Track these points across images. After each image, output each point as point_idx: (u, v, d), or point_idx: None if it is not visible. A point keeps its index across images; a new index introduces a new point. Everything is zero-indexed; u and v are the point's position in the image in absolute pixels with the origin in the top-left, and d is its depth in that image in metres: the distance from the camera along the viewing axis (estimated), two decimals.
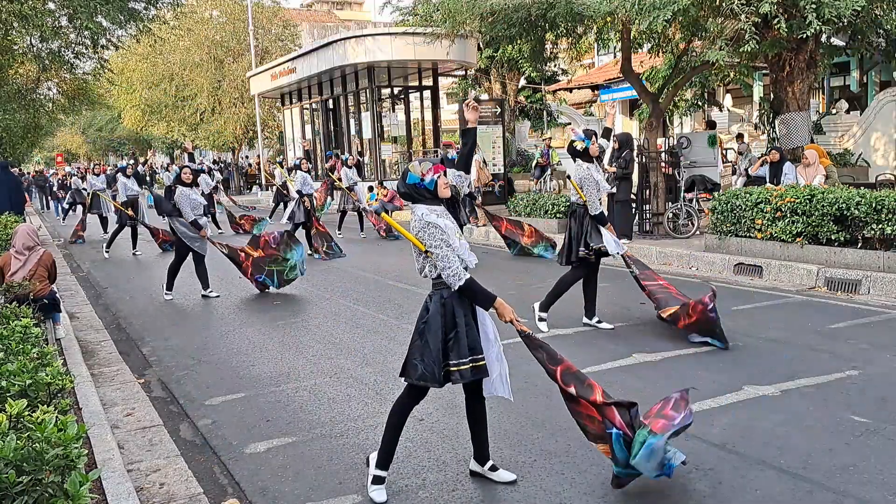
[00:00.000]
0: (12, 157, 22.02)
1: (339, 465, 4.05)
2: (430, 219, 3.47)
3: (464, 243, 3.56)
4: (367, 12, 67.64)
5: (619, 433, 3.40)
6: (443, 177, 3.55)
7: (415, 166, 3.55)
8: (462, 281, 3.45)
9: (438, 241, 3.44)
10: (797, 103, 11.85)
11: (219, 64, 33.72)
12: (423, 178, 3.50)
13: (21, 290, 5.78)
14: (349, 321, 7.51)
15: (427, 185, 3.52)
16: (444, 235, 3.45)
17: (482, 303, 3.54)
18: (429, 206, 3.55)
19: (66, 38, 15.49)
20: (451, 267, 3.45)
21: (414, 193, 3.56)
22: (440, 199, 3.57)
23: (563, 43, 15.79)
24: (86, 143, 57.47)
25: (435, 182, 3.52)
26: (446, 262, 3.45)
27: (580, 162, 6.47)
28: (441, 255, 3.45)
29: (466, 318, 3.56)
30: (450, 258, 3.44)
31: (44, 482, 2.25)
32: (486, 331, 3.65)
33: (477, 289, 3.52)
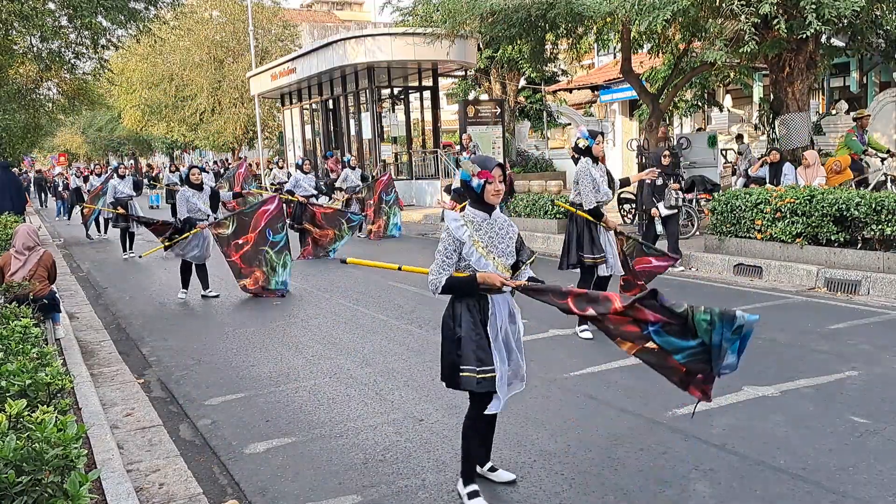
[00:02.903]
0: (12, 158, 22.02)
1: (339, 465, 4.05)
2: (451, 225, 3.36)
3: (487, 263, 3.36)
4: (367, 12, 67.67)
5: (658, 325, 3.19)
6: (495, 184, 3.35)
7: (467, 164, 3.39)
8: (438, 289, 3.34)
9: (441, 246, 3.35)
10: (797, 104, 11.85)
11: (219, 64, 33.74)
12: (473, 177, 3.36)
13: (21, 290, 5.78)
14: (349, 321, 7.51)
15: (475, 187, 3.37)
16: (449, 245, 3.33)
17: (467, 291, 3.37)
18: (471, 209, 3.42)
19: (66, 38, 15.49)
20: (431, 274, 3.35)
21: (464, 191, 3.47)
22: (487, 204, 3.40)
23: (563, 43, 15.80)
24: (86, 143, 57.49)
25: (482, 187, 3.36)
26: (431, 269, 3.36)
27: (582, 159, 6.45)
28: (435, 261, 3.36)
29: (474, 325, 3.37)
30: (436, 266, 3.34)
31: (43, 482, 2.25)
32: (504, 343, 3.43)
33: (456, 283, 3.35)
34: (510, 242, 3.46)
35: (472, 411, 3.48)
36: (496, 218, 3.45)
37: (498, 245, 3.41)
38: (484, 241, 3.37)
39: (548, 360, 5.79)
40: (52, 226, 21.77)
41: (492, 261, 3.37)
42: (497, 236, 3.42)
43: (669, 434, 4.21)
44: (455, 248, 3.34)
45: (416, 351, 6.26)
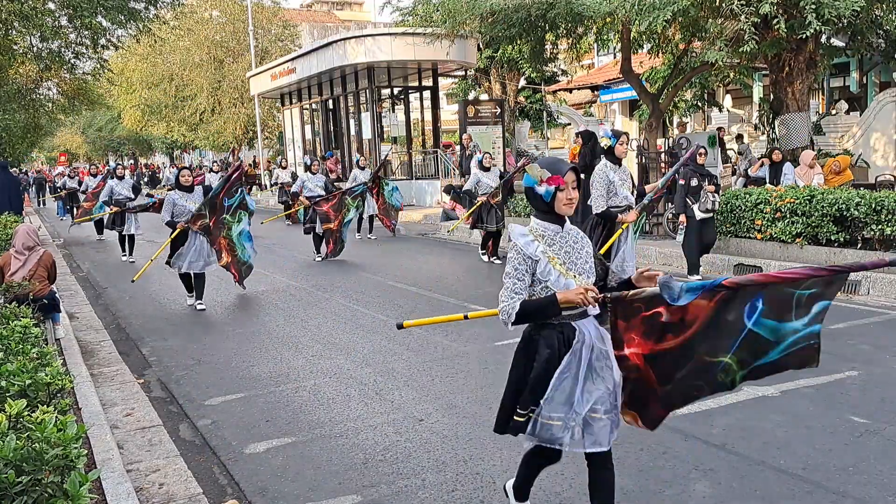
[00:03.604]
0: (12, 158, 22.04)
1: (339, 465, 4.05)
2: (519, 241, 2.85)
3: (569, 282, 2.83)
4: (367, 12, 67.66)
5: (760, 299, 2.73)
6: (567, 191, 2.82)
7: (533, 168, 2.85)
8: (512, 317, 2.78)
9: (510, 268, 2.84)
10: (797, 104, 11.85)
11: (219, 64, 33.74)
12: (540, 184, 2.83)
13: (21, 290, 5.78)
14: (349, 321, 7.51)
15: (543, 195, 2.83)
16: (520, 265, 2.82)
17: (546, 312, 2.82)
18: (539, 222, 2.89)
19: (66, 38, 15.50)
20: (502, 300, 2.81)
21: (529, 199, 2.92)
22: (557, 215, 2.87)
23: (563, 43, 15.80)
24: (86, 143, 57.49)
25: (552, 194, 2.82)
26: (502, 295, 2.83)
27: (601, 161, 6.26)
28: (504, 287, 2.84)
29: (550, 361, 2.84)
30: (506, 292, 2.82)
31: (43, 482, 2.25)
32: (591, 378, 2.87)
33: (532, 307, 2.80)
34: (588, 258, 2.94)
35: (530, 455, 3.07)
36: (569, 231, 2.93)
37: (576, 262, 2.89)
38: (560, 258, 2.86)
39: None
40: (52, 226, 21.76)
41: (573, 280, 2.84)
42: (573, 251, 2.90)
43: (669, 434, 4.20)
44: (527, 269, 2.82)
45: (416, 351, 6.26)
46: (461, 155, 16.05)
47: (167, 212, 8.33)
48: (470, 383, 5.34)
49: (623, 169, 6.23)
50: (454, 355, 6.06)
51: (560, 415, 2.81)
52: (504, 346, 6.19)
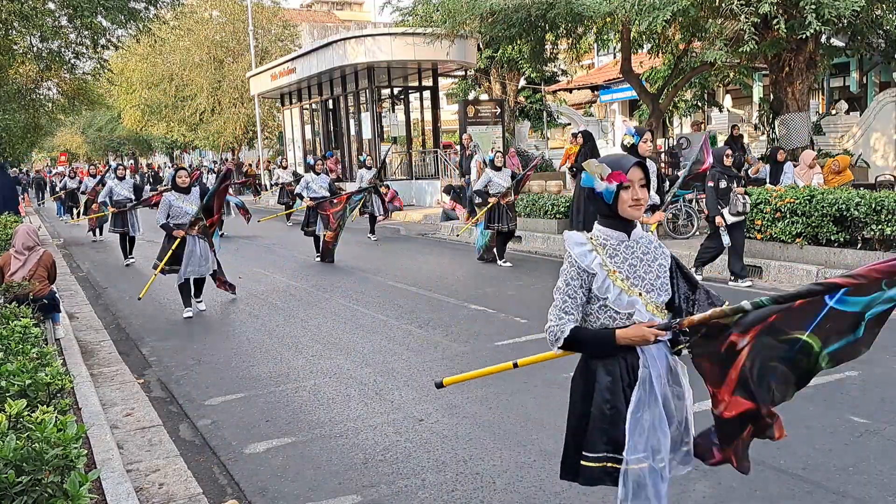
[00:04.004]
0: (12, 158, 22.03)
1: (339, 465, 4.05)
2: (574, 250, 2.47)
3: (633, 300, 2.44)
4: (367, 12, 67.67)
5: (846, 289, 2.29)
6: (633, 189, 2.42)
7: (593, 164, 2.46)
8: (559, 341, 2.44)
9: (561, 282, 2.47)
10: (797, 104, 11.86)
11: (219, 64, 33.75)
12: (600, 182, 2.45)
13: (21, 290, 5.78)
14: (349, 321, 7.51)
15: (603, 193, 2.44)
16: (573, 278, 2.44)
17: (600, 349, 2.47)
18: (601, 228, 2.52)
19: (66, 38, 15.50)
20: (551, 318, 2.46)
21: (588, 201, 2.56)
22: (622, 219, 2.47)
23: (563, 43, 15.81)
24: (86, 144, 57.50)
25: (614, 194, 2.42)
26: (551, 312, 2.47)
27: None
28: (554, 303, 2.48)
29: (612, 394, 2.47)
30: (555, 310, 2.45)
31: (43, 482, 2.25)
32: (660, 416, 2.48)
33: (585, 338, 2.45)
34: (661, 272, 2.51)
35: None
36: (638, 238, 2.52)
37: (644, 276, 2.47)
38: (623, 272, 2.45)
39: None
40: (52, 226, 21.77)
41: (638, 297, 2.45)
42: (641, 263, 2.48)
43: None
44: (582, 283, 2.44)
45: (416, 351, 6.26)
46: (461, 155, 16.05)
47: (163, 213, 7.97)
48: (470, 383, 5.33)
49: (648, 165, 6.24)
50: (454, 355, 6.06)
51: (641, 455, 2.43)
52: (504, 346, 6.19)
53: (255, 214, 18.27)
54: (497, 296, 8.36)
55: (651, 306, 2.46)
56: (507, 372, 5.61)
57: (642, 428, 2.44)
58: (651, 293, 2.47)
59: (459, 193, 16.32)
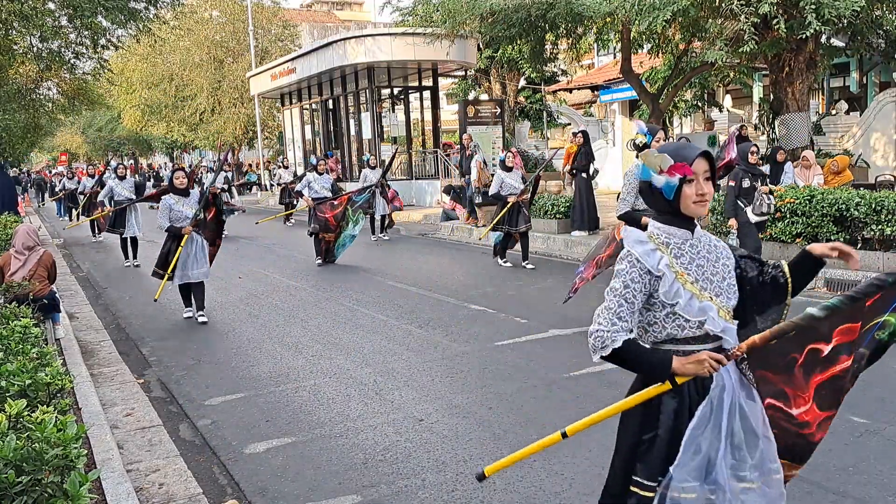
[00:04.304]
0: (12, 158, 22.02)
1: (339, 465, 4.05)
2: (635, 249, 2.20)
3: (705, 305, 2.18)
4: (367, 12, 67.68)
5: None
6: (698, 183, 2.17)
7: (651, 155, 2.20)
8: (606, 350, 2.16)
9: (618, 283, 2.18)
10: (797, 104, 11.86)
11: (219, 64, 33.77)
12: (659, 175, 2.19)
13: (21, 290, 5.78)
14: (349, 321, 7.51)
15: (663, 188, 2.18)
16: (633, 280, 2.16)
17: (651, 373, 2.23)
18: (660, 226, 2.25)
19: (66, 38, 15.50)
20: (600, 323, 2.17)
21: (645, 196, 2.29)
22: (684, 217, 2.22)
23: (563, 43, 15.81)
24: (86, 143, 57.51)
25: (676, 188, 2.16)
26: (599, 314, 2.19)
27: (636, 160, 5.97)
28: (605, 305, 2.19)
29: (678, 413, 2.21)
30: (607, 314, 2.17)
31: (43, 482, 2.25)
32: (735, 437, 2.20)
33: (636, 357, 2.19)
34: (727, 273, 2.26)
35: None
36: (700, 237, 2.27)
37: (712, 278, 2.22)
38: (692, 274, 2.19)
39: (548, 360, 5.78)
40: (52, 226, 21.77)
41: (710, 302, 2.18)
42: (708, 264, 2.23)
43: None
44: (643, 287, 2.17)
45: (416, 351, 6.26)
46: (461, 155, 16.06)
47: (164, 217, 7.64)
48: (470, 383, 5.34)
49: None
50: (454, 355, 6.06)
51: (694, 484, 2.13)
52: (504, 346, 6.20)
53: (254, 215, 18.28)
54: (497, 296, 8.36)
55: (723, 312, 2.20)
56: (507, 372, 5.64)
57: (698, 449, 2.14)
58: (721, 297, 2.21)
59: (459, 193, 16.31)
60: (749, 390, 2.25)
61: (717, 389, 2.19)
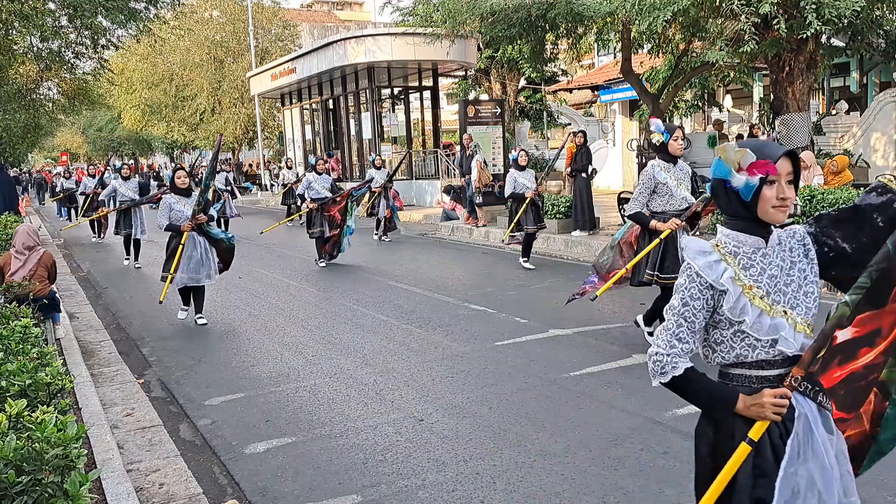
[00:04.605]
0: (12, 158, 22.04)
1: (339, 465, 4.05)
2: (696, 261, 1.96)
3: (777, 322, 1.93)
4: (367, 12, 67.69)
5: None
6: (779, 186, 1.92)
7: (728, 150, 1.95)
8: (665, 376, 1.96)
9: (677, 300, 1.97)
10: (797, 104, 11.85)
11: (219, 64, 33.78)
12: (738, 172, 1.93)
13: (21, 290, 5.78)
14: (349, 321, 7.51)
15: (741, 190, 1.92)
16: (693, 296, 1.95)
17: (712, 410, 2.01)
18: (731, 232, 2.00)
19: (66, 38, 15.51)
20: (659, 345, 1.97)
21: (717, 198, 2.04)
22: (761, 223, 1.96)
23: (563, 43, 15.82)
24: (86, 143, 57.51)
25: (755, 190, 1.91)
26: (658, 336, 1.99)
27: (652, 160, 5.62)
28: (664, 326, 1.99)
29: (759, 448, 1.94)
30: (666, 335, 1.97)
31: (43, 482, 2.25)
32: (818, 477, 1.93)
33: (696, 391, 1.99)
34: (803, 279, 2.00)
35: None
36: (775, 244, 2.01)
37: (785, 289, 1.96)
38: (763, 286, 1.95)
39: (548, 360, 5.78)
40: (52, 226, 21.76)
41: (783, 318, 1.93)
42: (781, 273, 1.98)
43: (669, 434, 4.20)
44: (705, 304, 1.95)
45: (416, 351, 6.26)
46: (461, 155, 16.06)
47: (164, 216, 7.43)
48: (470, 383, 5.34)
49: (680, 167, 5.54)
50: (454, 355, 6.06)
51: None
52: (504, 346, 6.20)
53: (255, 216, 18.28)
54: (497, 296, 8.36)
55: (801, 325, 1.94)
56: (507, 372, 5.64)
57: (797, 487, 1.90)
58: (798, 308, 1.95)
59: (459, 193, 16.32)
60: (826, 418, 1.97)
61: (800, 420, 1.92)
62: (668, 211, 5.53)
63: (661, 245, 5.50)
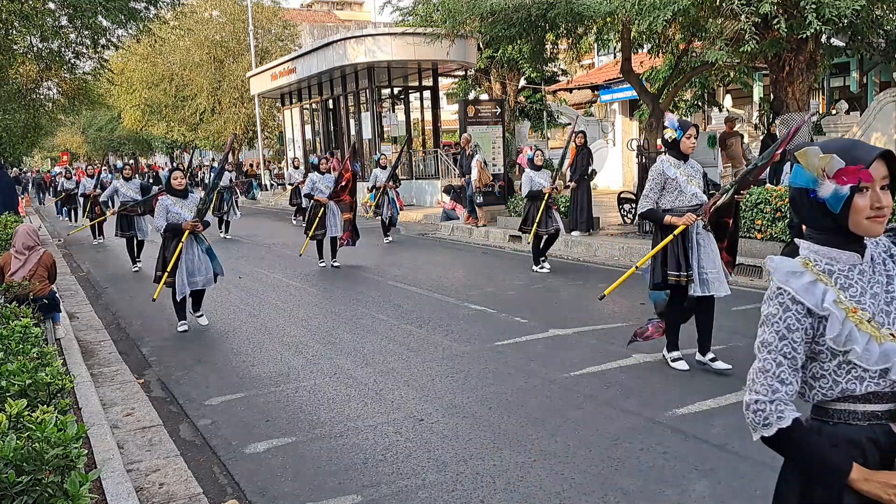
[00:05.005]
0: (12, 158, 22.02)
1: (339, 465, 4.05)
2: (791, 285, 1.69)
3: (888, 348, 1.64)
4: (367, 12, 67.69)
5: None
6: (874, 194, 1.66)
7: (811, 154, 1.72)
8: (769, 429, 1.66)
9: (771, 332, 1.69)
10: (797, 104, 11.85)
11: (219, 64, 33.80)
12: (823, 181, 1.69)
13: (21, 290, 5.78)
14: (349, 321, 7.51)
15: (828, 199, 1.68)
16: (789, 326, 1.67)
17: (820, 478, 1.69)
18: (819, 248, 1.74)
19: (66, 37, 15.51)
20: (759, 393, 1.68)
21: (798, 209, 1.81)
22: (853, 236, 1.71)
23: (563, 43, 15.80)
24: (86, 144, 57.53)
25: (846, 200, 1.66)
26: (752, 380, 1.71)
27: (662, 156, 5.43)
28: (757, 365, 1.71)
29: None
30: (763, 378, 1.69)
31: (43, 482, 2.25)
32: None
33: (799, 446, 1.68)
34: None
35: None
36: (870, 259, 1.75)
37: (888, 310, 1.70)
38: (868, 307, 1.69)
39: (548, 360, 5.79)
40: (52, 226, 21.77)
41: (894, 344, 1.65)
42: (882, 290, 1.72)
43: (669, 434, 4.21)
44: (804, 334, 1.68)
45: (416, 351, 6.26)
46: (461, 155, 16.06)
47: (161, 218, 7.17)
48: (470, 383, 5.34)
49: (691, 164, 5.38)
50: (454, 355, 6.06)
51: None
52: (504, 346, 6.20)
53: (254, 216, 18.28)
54: (497, 296, 8.36)
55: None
56: (507, 372, 5.64)
57: None
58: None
59: (459, 193, 16.32)
60: None
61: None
62: (678, 208, 5.32)
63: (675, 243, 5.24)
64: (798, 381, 1.69)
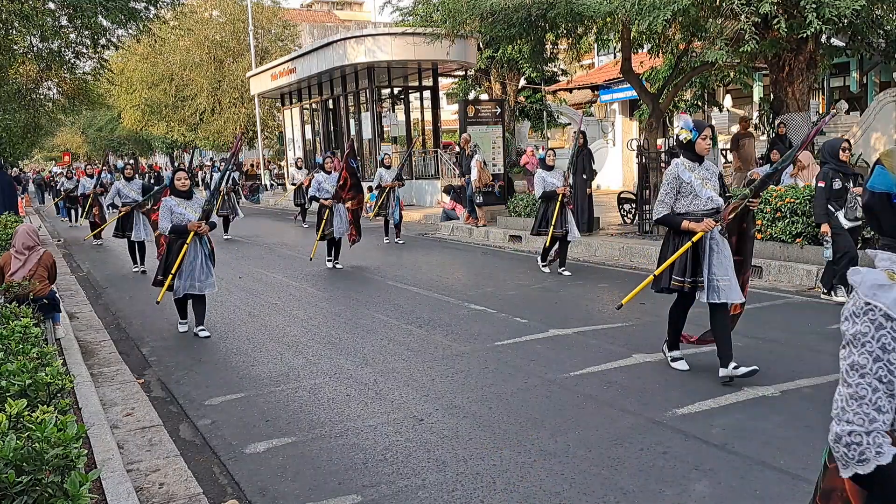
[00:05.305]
0: (12, 158, 22.01)
1: (339, 465, 4.05)
2: (880, 300, 1.53)
3: None
4: (367, 12, 67.71)
5: None
6: None
7: (893, 156, 1.59)
8: (866, 465, 1.50)
9: (864, 355, 1.53)
10: (797, 104, 11.86)
11: (219, 64, 33.83)
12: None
13: (21, 290, 5.78)
14: (349, 321, 7.51)
15: None
16: (884, 349, 1.50)
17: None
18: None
19: (66, 37, 15.51)
20: (855, 424, 1.54)
21: (872, 217, 1.68)
22: None
23: (563, 43, 15.80)
24: (86, 143, 57.52)
25: None
26: (844, 412, 1.60)
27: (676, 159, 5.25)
28: (849, 392, 1.59)
29: None
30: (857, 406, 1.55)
31: (43, 482, 2.25)
32: None
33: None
34: None
35: None
36: None
37: None
38: None
39: (548, 360, 5.79)
40: (52, 226, 21.77)
41: None
42: None
43: (669, 434, 4.21)
44: (882, 357, 1.51)
45: (416, 351, 6.26)
46: (461, 155, 16.06)
47: (166, 220, 7.01)
48: (470, 383, 5.34)
49: (707, 166, 5.17)
50: (454, 355, 6.06)
51: None
52: (504, 346, 6.20)
53: (255, 217, 18.26)
54: (497, 296, 8.36)
55: None
56: (507, 372, 5.64)
57: None
58: None
59: (459, 193, 16.32)
60: None
61: None
62: (693, 212, 5.09)
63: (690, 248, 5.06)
64: (893, 408, 1.50)
